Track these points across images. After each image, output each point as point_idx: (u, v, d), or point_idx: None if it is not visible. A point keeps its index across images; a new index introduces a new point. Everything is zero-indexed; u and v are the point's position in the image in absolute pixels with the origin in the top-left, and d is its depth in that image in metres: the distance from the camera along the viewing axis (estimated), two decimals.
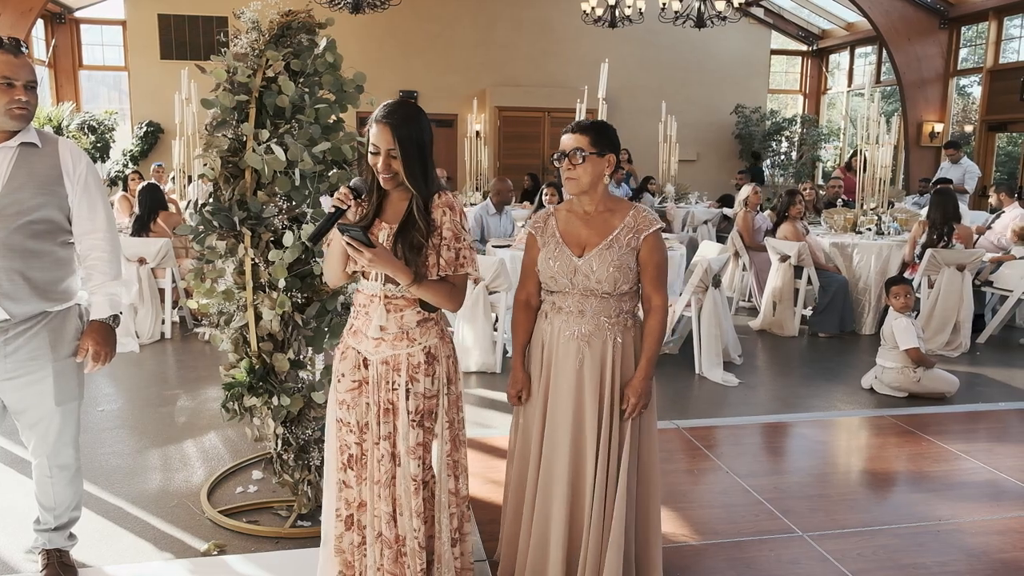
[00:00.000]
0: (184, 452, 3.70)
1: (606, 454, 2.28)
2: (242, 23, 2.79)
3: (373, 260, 1.94)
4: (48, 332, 2.30)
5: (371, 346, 2.10)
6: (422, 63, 13.22)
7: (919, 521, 3.11)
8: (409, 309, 2.08)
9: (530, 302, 2.43)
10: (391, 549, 2.12)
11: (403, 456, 2.09)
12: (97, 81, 13.62)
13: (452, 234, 2.05)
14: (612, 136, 2.30)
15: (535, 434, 2.37)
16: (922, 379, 4.63)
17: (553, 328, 2.34)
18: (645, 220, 2.30)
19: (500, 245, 5.91)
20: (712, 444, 3.92)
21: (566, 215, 2.37)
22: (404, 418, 2.08)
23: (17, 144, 2.23)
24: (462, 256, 2.07)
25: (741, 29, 13.14)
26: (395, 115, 2.01)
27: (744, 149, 14.17)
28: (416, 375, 2.08)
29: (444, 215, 2.05)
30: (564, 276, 2.29)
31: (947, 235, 5.92)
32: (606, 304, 2.29)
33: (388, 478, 2.10)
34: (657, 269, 2.30)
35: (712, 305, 5.09)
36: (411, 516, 2.10)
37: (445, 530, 2.16)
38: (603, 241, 2.28)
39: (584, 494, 2.30)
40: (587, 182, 2.27)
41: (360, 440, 2.15)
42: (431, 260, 2.03)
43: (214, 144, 2.76)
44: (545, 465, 2.34)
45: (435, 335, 2.12)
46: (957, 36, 11.71)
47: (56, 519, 2.53)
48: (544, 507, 2.34)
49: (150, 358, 5.38)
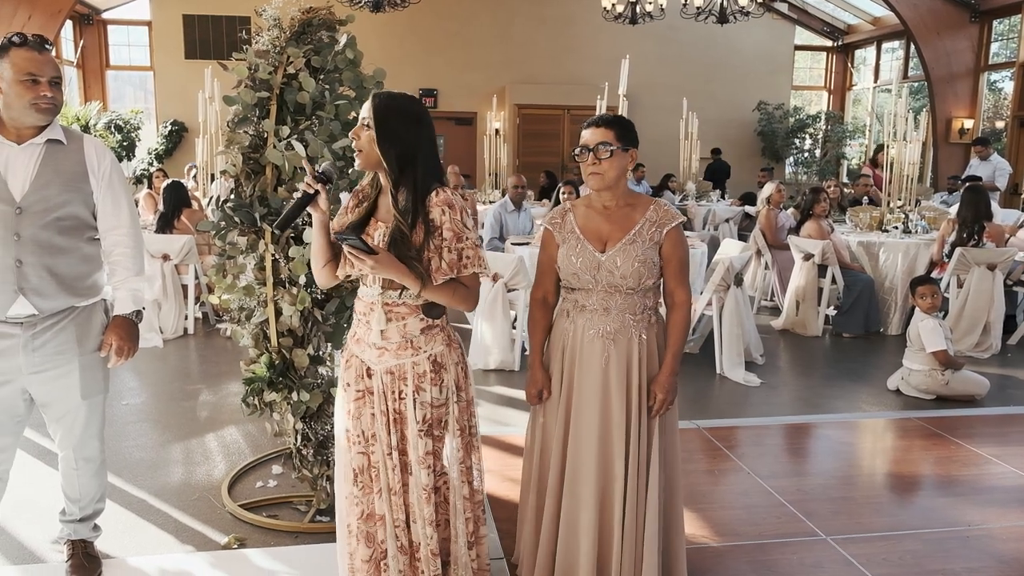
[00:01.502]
0: (206, 446, 3.73)
1: (635, 453, 2.25)
2: (263, 20, 2.80)
3: (376, 266, 1.86)
4: (75, 327, 2.33)
5: (374, 355, 2.02)
6: (442, 61, 13.24)
7: (947, 526, 3.05)
8: (411, 317, 1.99)
9: (547, 300, 2.40)
10: (406, 555, 2.07)
11: (414, 465, 2.03)
12: (123, 81, 13.82)
13: (453, 234, 1.94)
14: (633, 132, 2.27)
15: (557, 435, 2.33)
16: (951, 382, 4.54)
17: (576, 327, 2.30)
18: (667, 214, 2.27)
19: (519, 243, 5.90)
20: (733, 445, 3.87)
21: (584, 211, 2.33)
22: (413, 428, 2.01)
23: (44, 141, 2.25)
24: (465, 256, 1.96)
25: (764, 24, 13.00)
26: (387, 93, 1.96)
27: (767, 146, 14.02)
28: (422, 384, 2.01)
29: (443, 214, 1.93)
30: (587, 272, 2.25)
31: (977, 234, 5.81)
32: (630, 300, 2.26)
33: (400, 487, 2.04)
34: (680, 263, 2.28)
35: (734, 304, 5.04)
36: (424, 524, 2.05)
37: (461, 535, 2.11)
38: (626, 236, 2.24)
39: (613, 495, 2.27)
40: (612, 177, 2.23)
41: (367, 451, 2.07)
42: (434, 263, 1.93)
43: (235, 141, 2.78)
44: (571, 467, 2.30)
45: (441, 342, 2.04)
46: (988, 30, 11.47)
47: (81, 510, 2.56)
48: (572, 509, 2.29)
49: (173, 353, 5.44)
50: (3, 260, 2.20)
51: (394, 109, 1.93)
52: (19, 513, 2.96)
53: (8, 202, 2.19)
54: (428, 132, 1.97)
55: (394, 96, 1.96)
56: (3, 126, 2.23)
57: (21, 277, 2.21)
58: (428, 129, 1.97)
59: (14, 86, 2.15)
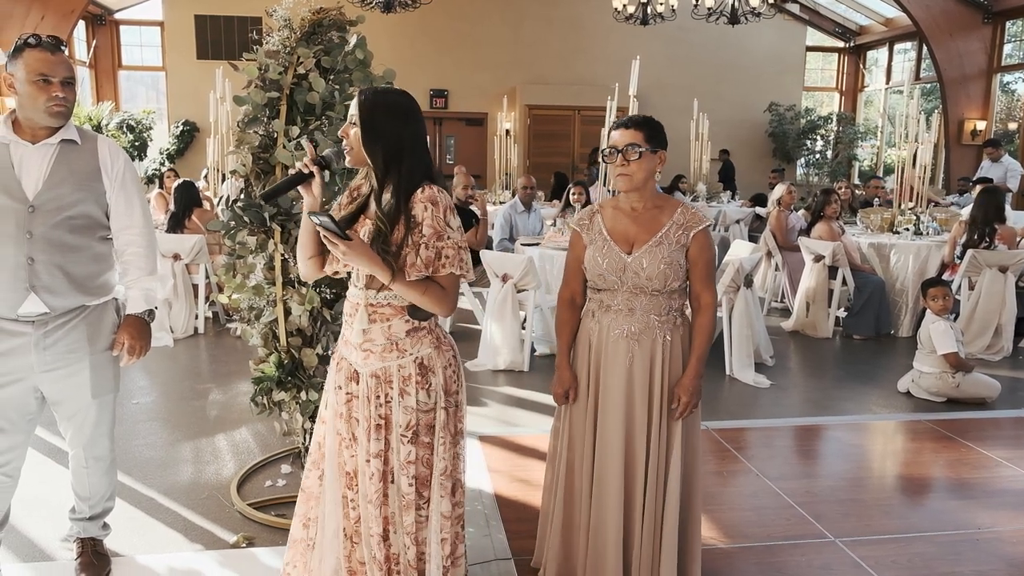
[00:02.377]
0: (215, 445, 3.75)
1: (656, 456, 2.25)
2: (274, 21, 2.81)
3: (347, 253, 1.79)
4: (86, 325, 2.35)
5: (360, 358, 1.96)
6: (452, 61, 13.26)
7: (957, 529, 3.03)
8: (396, 318, 1.92)
9: (575, 300, 2.40)
10: (382, 571, 1.99)
11: (396, 473, 1.95)
12: (136, 81, 13.91)
13: (433, 231, 1.85)
14: (663, 133, 2.27)
15: (586, 437, 2.32)
16: (961, 384, 4.51)
17: (601, 327, 2.30)
18: (694, 217, 2.27)
19: (529, 243, 5.90)
20: (742, 446, 3.86)
21: (612, 212, 2.33)
22: (396, 433, 1.94)
23: (58, 141, 2.27)
24: (444, 255, 1.86)
25: (776, 25, 12.94)
26: (373, 89, 1.93)
27: (778, 148, 13.96)
28: (407, 388, 1.93)
29: (425, 210, 1.86)
30: (613, 274, 2.25)
31: (988, 236, 5.76)
32: (656, 302, 2.26)
33: (379, 497, 1.96)
34: (707, 266, 2.28)
35: (744, 305, 5.02)
36: (403, 534, 1.97)
37: (435, 556, 1.98)
38: (652, 238, 2.24)
39: (636, 496, 2.27)
40: (641, 179, 2.22)
41: (353, 454, 2.00)
42: (409, 259, 1.85)
43: (246, 141, 2.80)
44: (598, 468, 2.29)
45: (429, 344, 1.96)
46: (1001, 31, 11.38)
47: (91, 508, 2.57)
48: (599, 512, 2.29)
49: (183, 352, 5.47)
50: (15, 258, 2.22)
51: (380, 105, 1.89)
52: (29, 511, 2.99)
53: (21, 200, 2.21)
54: (416, 128, 1.91)
55: (381, 92, 1.93)
56: (19, 126, 2.25)
57: (33, 275, 2.23)
58: (416, 125, 1.92)
59: (27, 86, 2.17)
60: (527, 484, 3.28)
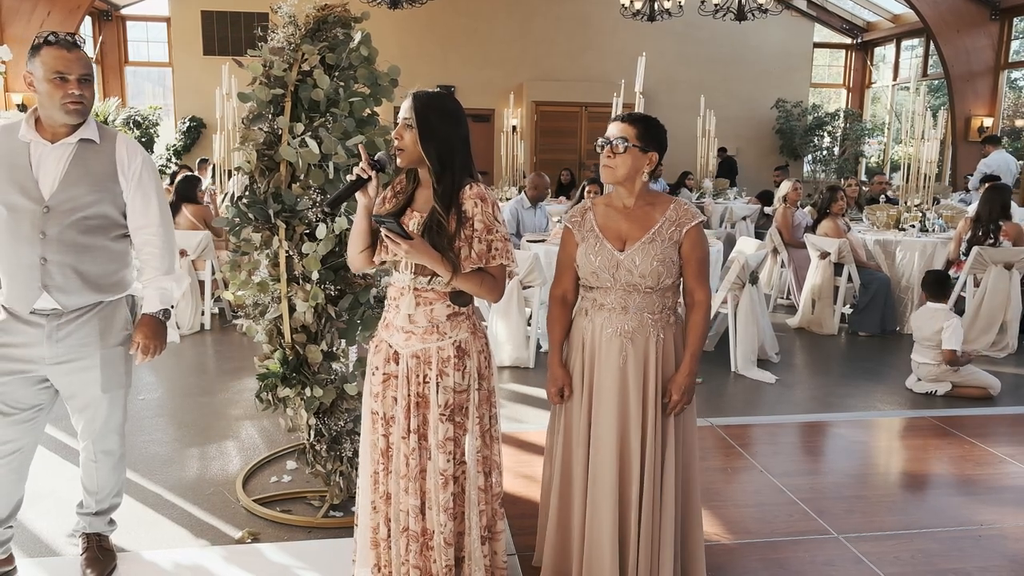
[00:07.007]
0: (221, 441, 3.77)
1: (651, 454, 2.25)
2: (279, 17, 2.82)
3: (410, 251, 1.95)
4: (99, 320, 2.35)
5: (402, 339, 2.11)
6: (459, 58, 13.25)
7: (960, 525, 3.03)
8: (439, 303, 2.08)
9: (566, 298, 2.40)
10: (417, 543, 2.12)
11: (433, 450, 2.08)
12: (142, 77, 13.95)
13: (484, 226, 2.03)
14: (661, 135, 2.26)
15: (581, 435, 2.32)
16: (960, 369, 4.58)
17: (594, 325, 2.29)
18: (687, 213, 2.26)
19: (535, 240, 5.90)
20: (747, 443, 3.86)
21: (604, 209, 2.33)
22: (435, 412, 2.08)
23: (76, 141, 2.27)
24: (494, 248, 2.05)
25: (783, 22, 12.90)
26: (425, 93, 2.05)
27: (785, 144, 13.91)
28: (446, 369, 2.08)
29: (476, 206, 2.03)
30: (606, 271, 2.25)
31: (994, 232, 5.74)
32: (649, 299, 2.25)
33: (417, 472, 2.09)
34: (700, 263, 2.27)
35: (749, 302, 5.02)
36: (439, 511, 2.09)
37: (475, 527, 2.14)
38: (645, 235, 2.24)
39: (630, 495, 2.26)
40: (622, 174, 2.23)
41: (387, 433, 2.15)
42: (463, 252, 2.02)
43: (250, 137, 2.80)
44: (592, 466, 2.30)
45: (466, 329, 2.12)
46: (1009, 28, 11.31)
47: (98, 504, 2.59)
48: (594, 510, 2.29)
49: (190, 349, 5.49)
50: (28, 258, 2.23)
51: (434, 108, 2.03)
52: (36, 506, 3.01)
53: (37, 201, 2.22)
54: (464, 130, 2.07)
55: (434, 96, 2.05)
56: (41, 125, 2.26)
57: (45, 274, 2.24)
58: (464, 127, 2.07)
59: (45, 84, 2.18)
60: (532, 480, 3.29)
